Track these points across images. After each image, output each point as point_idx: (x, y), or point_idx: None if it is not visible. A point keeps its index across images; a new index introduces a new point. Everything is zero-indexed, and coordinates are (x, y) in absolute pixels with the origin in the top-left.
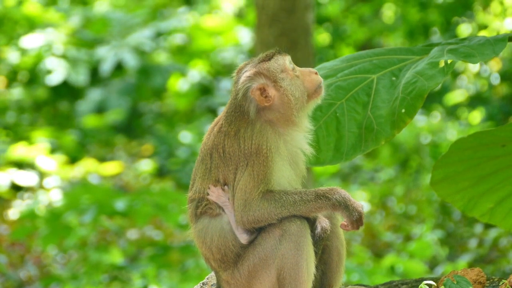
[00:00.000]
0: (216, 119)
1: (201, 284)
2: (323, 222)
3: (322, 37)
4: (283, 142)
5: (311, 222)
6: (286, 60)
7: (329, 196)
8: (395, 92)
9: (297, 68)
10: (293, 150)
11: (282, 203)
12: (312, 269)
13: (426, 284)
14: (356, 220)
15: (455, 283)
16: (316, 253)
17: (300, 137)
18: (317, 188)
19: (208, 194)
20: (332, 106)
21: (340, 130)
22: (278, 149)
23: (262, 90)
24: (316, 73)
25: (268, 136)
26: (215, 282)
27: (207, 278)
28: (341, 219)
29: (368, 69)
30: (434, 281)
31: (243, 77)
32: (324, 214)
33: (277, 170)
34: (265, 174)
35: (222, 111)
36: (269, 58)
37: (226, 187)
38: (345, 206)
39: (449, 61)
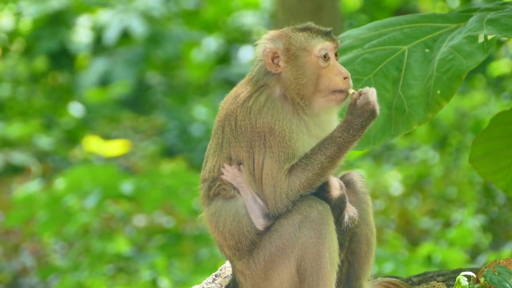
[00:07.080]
0: (235, 87)
1: (214, 276)
2: (350, 211)
3: (353, 0)
4: (301, 120)
5: (338, 211)
6: (320, 45)
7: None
8: (428, 68)
9: (332, 63)
10: (317, 130)
11: (310, 170)
12: (336, 260)
13: (465, 275)
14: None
15: (497, 274)
16: (342, 244)
17: (327, 118)
18: (331, 134)
19: (222, 173)
20: (358, 82)
21: None
22: (295, 127)
23: (275, 55)
24: (345, 78)
25: (281, 113)
26: (229, 274)
27: (220, 270)
28: (372, 205)
29: (398, 39)
30: (473, 272)
31: (265, 35)
32: (351, 200)
33: (300, 146)
34: (287, 153)
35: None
36: (303, 30)
37: (242, 166)
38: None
39: (489, 37)
